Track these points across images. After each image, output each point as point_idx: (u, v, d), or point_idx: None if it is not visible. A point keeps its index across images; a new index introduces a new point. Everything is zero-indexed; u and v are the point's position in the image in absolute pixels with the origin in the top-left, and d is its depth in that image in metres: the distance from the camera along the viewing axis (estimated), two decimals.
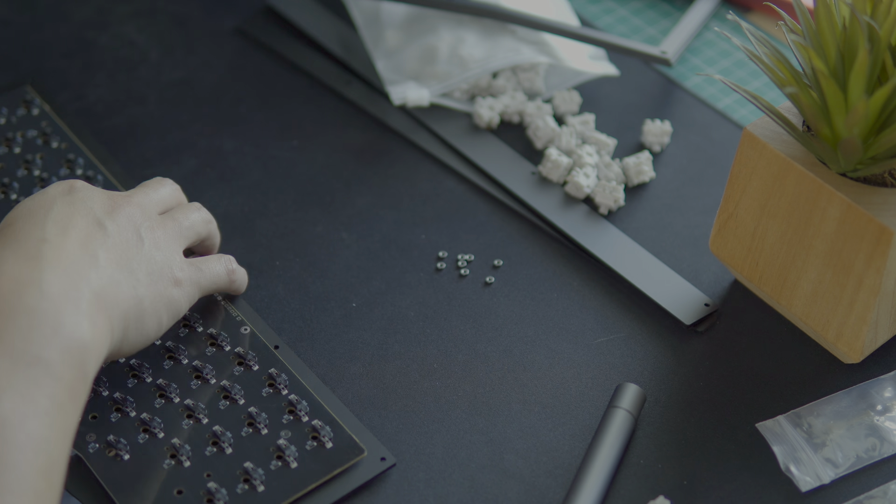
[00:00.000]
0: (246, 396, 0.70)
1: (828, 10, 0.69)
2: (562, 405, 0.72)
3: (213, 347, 0.73)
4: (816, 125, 0.69)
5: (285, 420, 0.69)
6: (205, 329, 0.73)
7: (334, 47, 0.92)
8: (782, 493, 0.69)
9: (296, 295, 0.78)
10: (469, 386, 0.73)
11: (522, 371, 0.74)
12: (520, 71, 0.90)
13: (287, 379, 0.71)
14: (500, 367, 0.74)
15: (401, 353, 0.75)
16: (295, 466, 0.68)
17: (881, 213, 0.68)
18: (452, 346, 0.75)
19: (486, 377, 0.74)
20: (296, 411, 0.70)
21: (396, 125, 0.88)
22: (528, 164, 0.85)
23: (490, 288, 0.78)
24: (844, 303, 0.71)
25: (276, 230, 0.81)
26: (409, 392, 0.73)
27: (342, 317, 0.77)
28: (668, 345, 0.76)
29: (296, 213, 0.82)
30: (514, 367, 0.74)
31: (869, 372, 0.74)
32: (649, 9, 0.98)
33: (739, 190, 0.74)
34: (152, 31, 0.94)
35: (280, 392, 0.71)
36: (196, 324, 0.74)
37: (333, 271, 0.79)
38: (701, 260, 0.80)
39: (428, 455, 0.70)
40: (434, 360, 0.74)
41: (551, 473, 0.69)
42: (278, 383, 0.71)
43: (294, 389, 0.71)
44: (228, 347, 0.73)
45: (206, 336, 0.73)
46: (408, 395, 0.73)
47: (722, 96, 0.91)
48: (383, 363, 0.74)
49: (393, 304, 0.77)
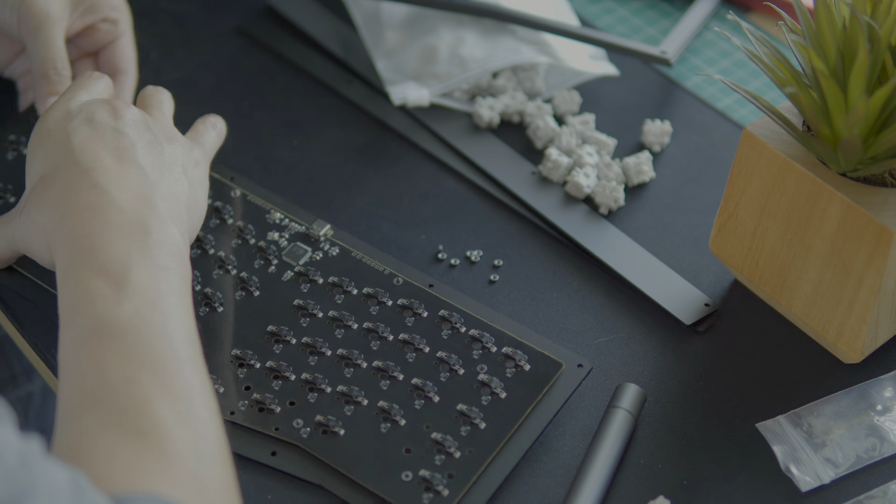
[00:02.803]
0: (429, 343, 0.71)
1: (828, 10, 0.69)
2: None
3: (376, 306, 0.74)
4: (816, 125, 0.69)
5: (476, 355, 0.71)
6: (360, 290, 0.74)
7: (334, 47, 0.92)
8: (782, 493, 0.69)
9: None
10: None
11: None
12: (520, 71, 0.90)
13: (460, 316, 0.72)
14: None
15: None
16: (504, 396, 0.69)
17: (881, 213, 0.68)
18: None
19: None
20: (483, 343, 0.71)
21: (396, 125, 0.87)
22: (529, 164, 0.85)
23: (490, 287, 0.78)
24: (844, 303, 0.71)
25: None
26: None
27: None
28: (668, 345, 0.76)
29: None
30: None
31: (869, 372, 0.74)
32: (649, 9, 0.98)
33: (739, 190, 0.74)
34: (152, 31, 0.94)
35: (459, 330, 0.72)
36: (350, 287, 0.74)
37: None
38: (701, 260, 0.80)
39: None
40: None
41: (551, 473, 0.69)
42: (454, 322, 0.72)
43: (471, 324, 0.72)
44: (390, 302, 0.74)
45: (363, 297, 0.74)
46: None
47: (722, 96, 0.91)
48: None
49: None
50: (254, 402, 0.70)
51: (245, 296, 0.74)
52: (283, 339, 0.72)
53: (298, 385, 0.70)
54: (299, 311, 0.73)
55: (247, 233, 0.77)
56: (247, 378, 0.71)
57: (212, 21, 0.95)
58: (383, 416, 0.69)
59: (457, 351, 0.71)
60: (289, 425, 0.69)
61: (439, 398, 0.69)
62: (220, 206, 0.79)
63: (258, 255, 0.76)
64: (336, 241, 0.77)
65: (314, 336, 0.72)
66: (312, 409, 0.69)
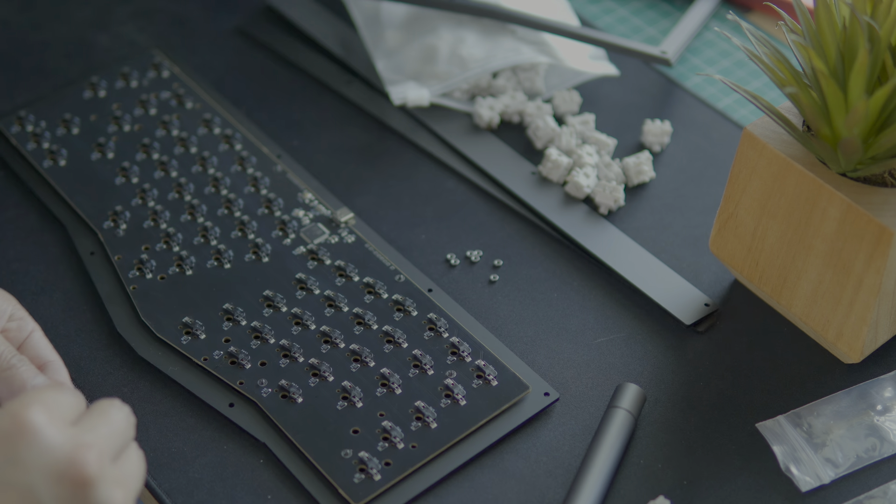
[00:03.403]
0: (409, 340, 0.74)
1: (828, 10, 0.69)
2: (562, 405, 0.72)
3: (370, 295, 0.76)
4: (816, 125, 0.69)
5: (449, 361, 0.72)
6: (361, 279, 0.76)
7: (334, 47, 0.92)
8: (782, 493, 0.69)
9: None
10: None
11: None
12: (520, 71, 0.90)
13: (446, 322, 0.74)
14: None
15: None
16: (464, 404, 0.71)
17: (881, 213, 0.68)
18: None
19: None
20: (459, 352, 0.73)
21: (396, 125, 0.87)
22: (529, 164, 0.85)
23: (490, 288, 0.78)
24: (844, 303, 0.71)
25: None
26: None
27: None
28: (668, 345, 0.76)
29: None
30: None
31: (869, 372, 0.74)
32: (649, 9, 0.98)
33: (739, 190, 0.74)
34: (152, 31, 0.94)
35: (441, 335, 0.74)
36: (353, 274, 0.77)
37: None
38: (701, 260, 0.80)
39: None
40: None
41: (551, 473, 0.69)
42: (438, 327, 0.74)
43: (454, 332, 0.74)
44: (386, 295, 0.76)
45: (362, 285, 0.76)
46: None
47: (722, 96, 0.91)
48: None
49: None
50: (228, 355, 0.73)
51: (254, 260, 0.78)
52: (274, 305, 0.75)
53: (274, 349, 0.73)
54: (298, 284, 0.76)
55: (275, 205, 0.81)
56: (230, 332, 0.74)
57: (212, 21, 0.95)
58: (343, 395, 0.71)
59: (432, 353, 0.73)
60: (253, 383, 0.71)
61: (401, 391, 0.71)
62: (258, 176, 0.82)
63: (278, 227, 0.80)
64: (354, 231, 0.80)
65: (304, 309, 0.75)
66: (280, 373, 0.72)
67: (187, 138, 0.85)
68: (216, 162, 0.83)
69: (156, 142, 0.84)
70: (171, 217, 0.80)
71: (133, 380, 0.73)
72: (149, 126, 0.85)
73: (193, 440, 0.70)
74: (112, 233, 0.79)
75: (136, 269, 0.77)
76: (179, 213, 0.80)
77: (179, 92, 0.88)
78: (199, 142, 0.84)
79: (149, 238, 0.78)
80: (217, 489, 0.68)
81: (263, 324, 0.74)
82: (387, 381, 0.72)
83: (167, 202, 0.81)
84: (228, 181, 0.82)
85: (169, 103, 0.87)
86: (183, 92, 0.88)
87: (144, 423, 0.70)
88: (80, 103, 0.87)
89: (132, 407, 0.70)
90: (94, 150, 0.84)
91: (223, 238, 0.79)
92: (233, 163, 0.83)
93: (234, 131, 0.85)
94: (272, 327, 0.74)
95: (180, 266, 0.77)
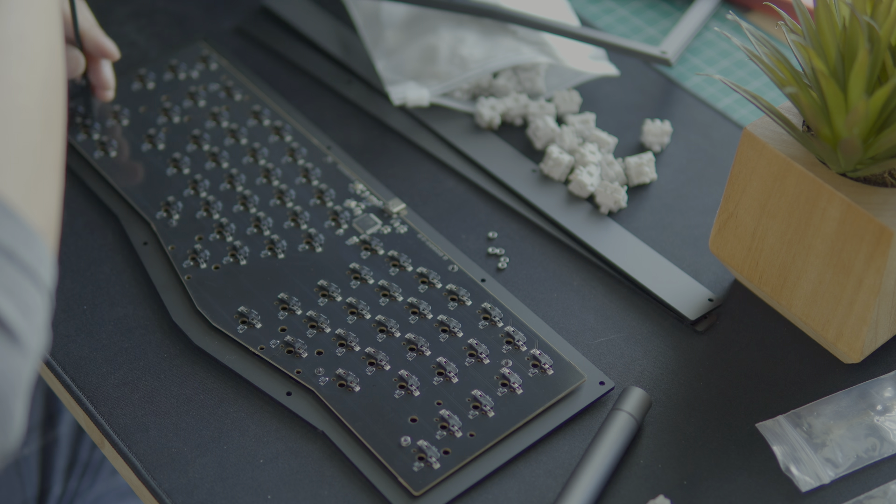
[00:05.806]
0: (464, 329, 0.74)
1: (828, 10, 0.69)
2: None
3: (424, 285, 0.77)
4: (816, 125, 0.69)
5: (505, 350, 0.73)
6: (414, 268, 0.77)
7: (334, 47, 0.92)
8: (782, 493, 0.69)
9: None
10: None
11: None
12: (520, 71, 0.90)
13: (500, 312, 0.75)
14: None
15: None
16: (521, 393, 0.71)
17: (881, 213, 0.68)
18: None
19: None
20: (514, 341, 0.73)
21: (396, 125, 0.87)
22: (529, 163, 0.85)
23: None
24: (844, 303, 0.71)
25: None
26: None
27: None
28: (668, 345, 0.76)
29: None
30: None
31: (869, 372, 0.74)
32: (649, 9, 0.98)
33: (739, 190, 0.74)
34: (152, 31, 0.94)
35: (496, 324, 0.74)
36: (406, 264, 0.78)
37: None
38: (701, 260, 0.80)
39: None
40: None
41: (551, 473, 0.69)
42: (493, 316, 0.75)
43: (508, 321, 0.74)
44: (440, 285, 0.76)
45: (416, 275, 0.77)
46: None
47: (722, 96, 0.91)
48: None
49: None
50: (284, 344, 0.73)
51: (308, 250, 0.79)
52: (329, 294, 0.76)
53: (331, 338, 0.74)
54: (352, 273, 0.77)
55: (327, 196, 0.82)
56: (286, 321, 0.74)
57: (211, 21, 0.95)
58: (400, 383, 0.71)
59: (488, 342, 0.73)
60: (310, 371, 0.72)
61: (458, 380, 0.72)
62: (309, 167, 0.83)
63: (331, 217, 0.81)
64: (406, 221, 0.81)
65: (359, 298, 0.75)
66: (337, 362, 0.72)
67: (237, 129, 0.85)
68: (267, 153, 0.84)
69: (206, 133, 0.85)
70: (223, 207, 0.80)
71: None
72: (198, 117, 0.86)
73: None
74: (165, 223, 0.79)
75: (189, 259, 0.77)
76: (232, 204, 0.81)
77: (228, 84, 0.89)
78: (249, 133, 0.85)
79: (202, 228, 0.79)
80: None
81: (319, 313, 0.74)
82: (443, 370, 0.72)
83: (219, 193, 0.81)
84: (280, 172, 0.83)
85: (218, 95, 0.88)
86: (231, 84, 0.89)
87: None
88: (129, 95, 0.87)
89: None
90: (144, 141, 0.84)
91: (276, 228, 0.79)
92: (283, 154, 0.84)
93: (283, 123, 0.86)
94: (328, 316, 0.74)
95: (234, 256, 0.78)
